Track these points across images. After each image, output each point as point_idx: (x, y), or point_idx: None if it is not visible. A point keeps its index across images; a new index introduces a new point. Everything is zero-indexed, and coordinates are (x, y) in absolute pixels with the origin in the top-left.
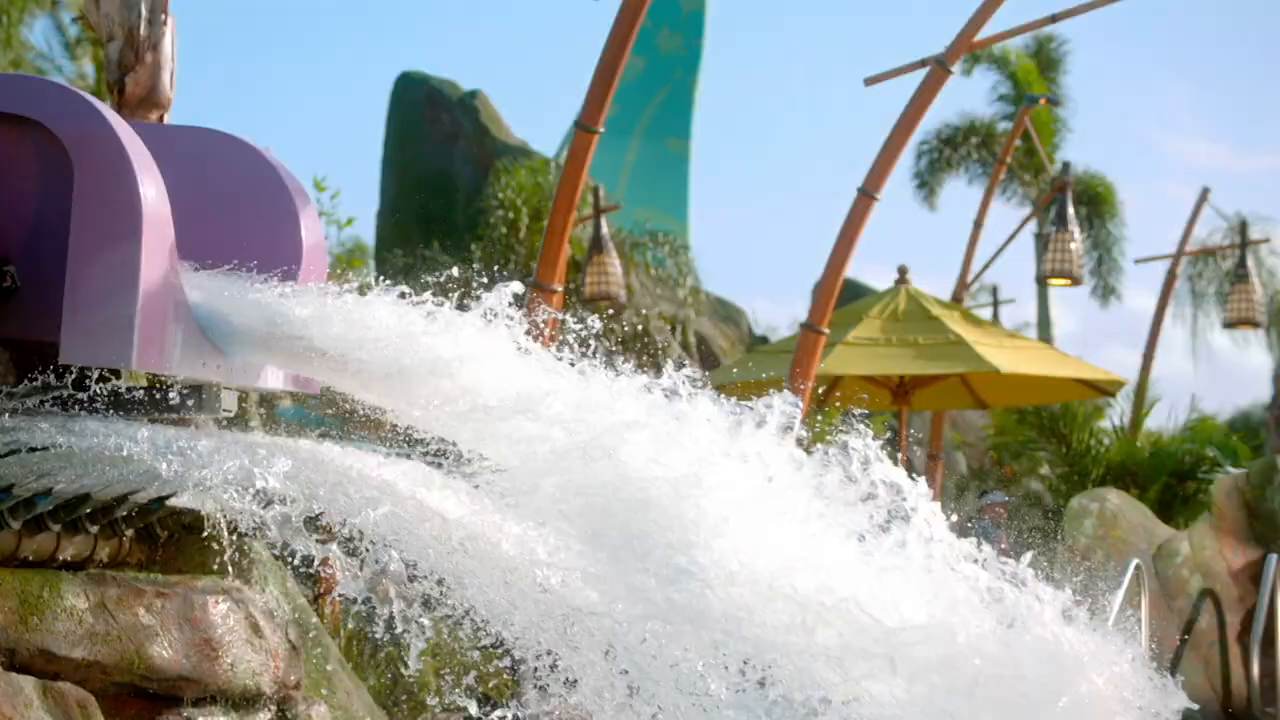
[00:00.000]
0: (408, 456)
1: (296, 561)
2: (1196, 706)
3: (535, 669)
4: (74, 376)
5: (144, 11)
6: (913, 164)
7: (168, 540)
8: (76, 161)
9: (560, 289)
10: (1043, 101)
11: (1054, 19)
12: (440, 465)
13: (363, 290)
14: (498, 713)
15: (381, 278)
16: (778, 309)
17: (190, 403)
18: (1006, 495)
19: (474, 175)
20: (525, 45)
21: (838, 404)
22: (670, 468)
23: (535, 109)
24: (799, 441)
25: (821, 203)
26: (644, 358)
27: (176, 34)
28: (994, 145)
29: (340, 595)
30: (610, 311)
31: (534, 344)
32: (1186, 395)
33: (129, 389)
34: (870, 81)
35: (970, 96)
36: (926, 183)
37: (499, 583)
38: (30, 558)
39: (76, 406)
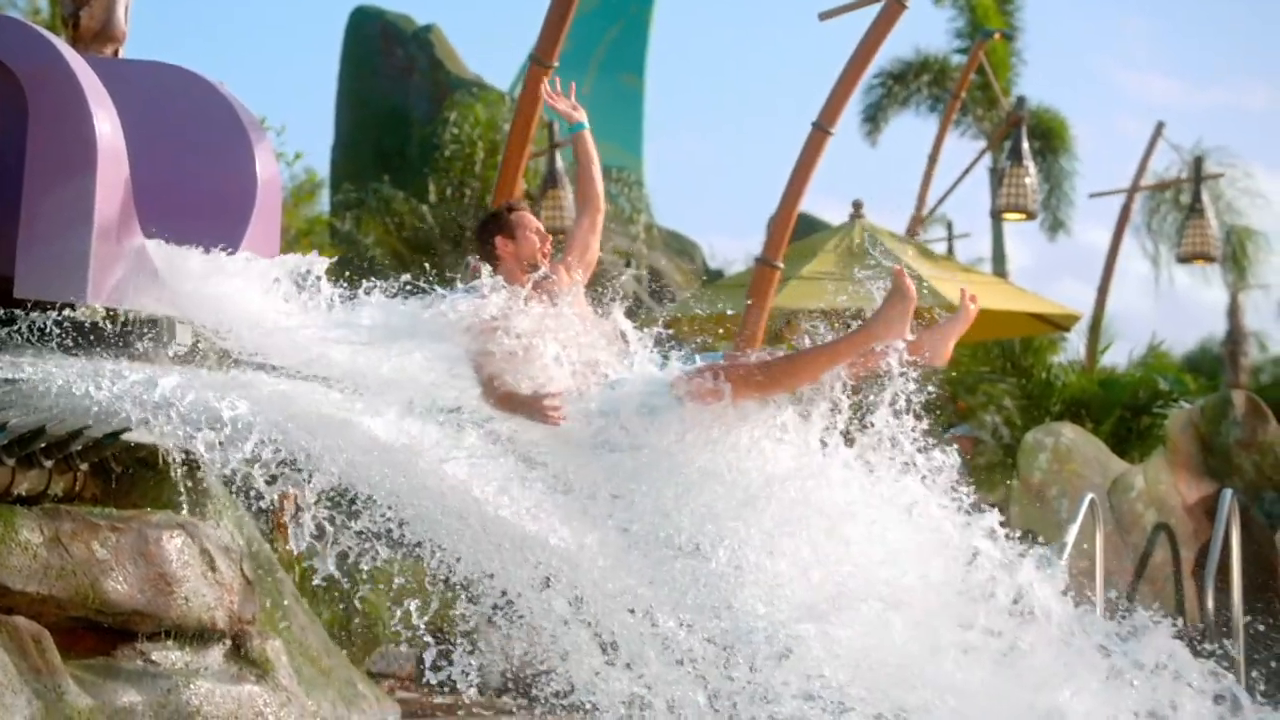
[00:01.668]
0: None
1: (251, 495)
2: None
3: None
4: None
5: None
6: (863, 98)
7: (122, 475)
8: (31, 96)
9: None
10: (998, 36)
11: None
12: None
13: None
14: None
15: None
16: (733, 243)
17: (146, 337)
18: (972, 430)
19: (429, 109)
20: None
21: (792, 340)
22: None
23: (490, 43)
24: None
25: (776, 137)
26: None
27: None
28: (946, 81)
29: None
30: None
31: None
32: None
33: (87, 323)
34: (825, 16)
35: (923, 31)
36: (874, 117)
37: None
38: None
39: (35, 339)
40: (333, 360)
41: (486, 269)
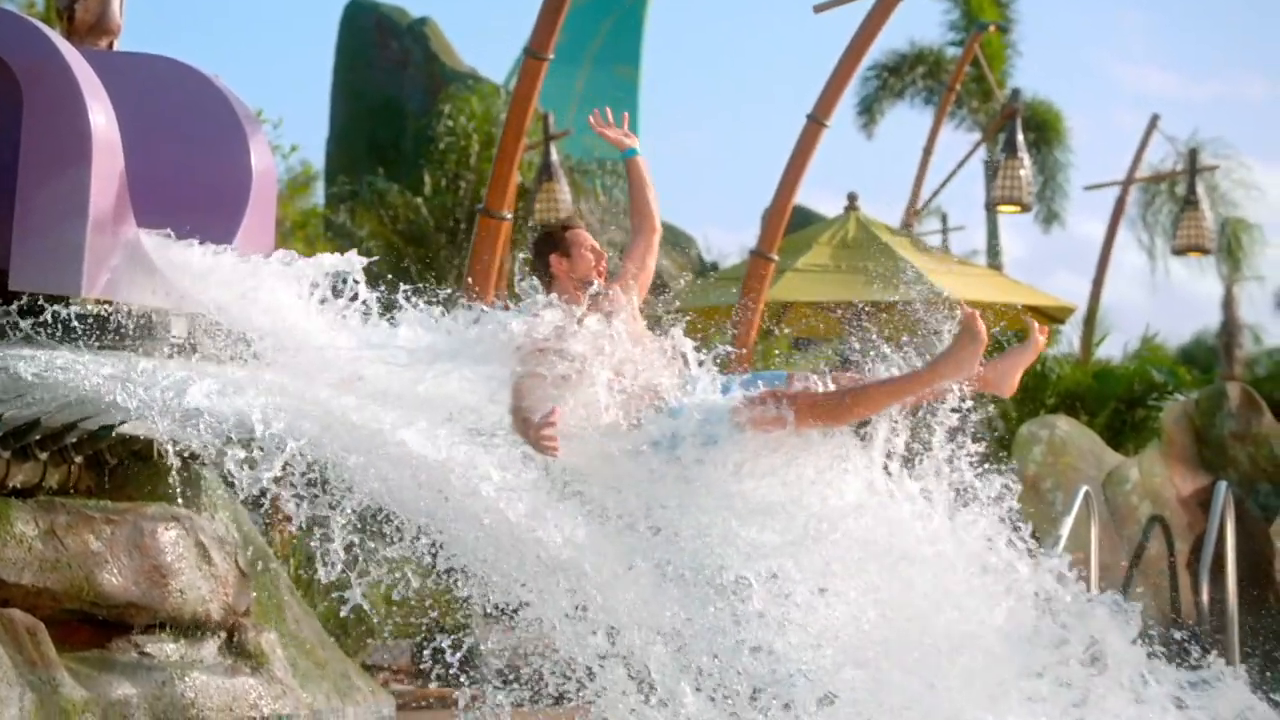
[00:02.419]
0: None
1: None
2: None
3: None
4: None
5: None
6: (859, 91)
7: (117, 467)
8: (26, 89)
9: (509, 216)
10: (992, 28)
11: None
12: None
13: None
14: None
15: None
16: (728, 236)
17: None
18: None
19: (423, 102)
20: None
21: (786, 331)
22: None
23: (485, 36)
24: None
25: (771, 130)
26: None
27: None
28: (941, 73)
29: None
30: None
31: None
32: (1136, 322)
33: (80, 315)
34: (820, 9)
35: (918, 24)
36: (869, 110)
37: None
38: None
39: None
40: (366, 377)
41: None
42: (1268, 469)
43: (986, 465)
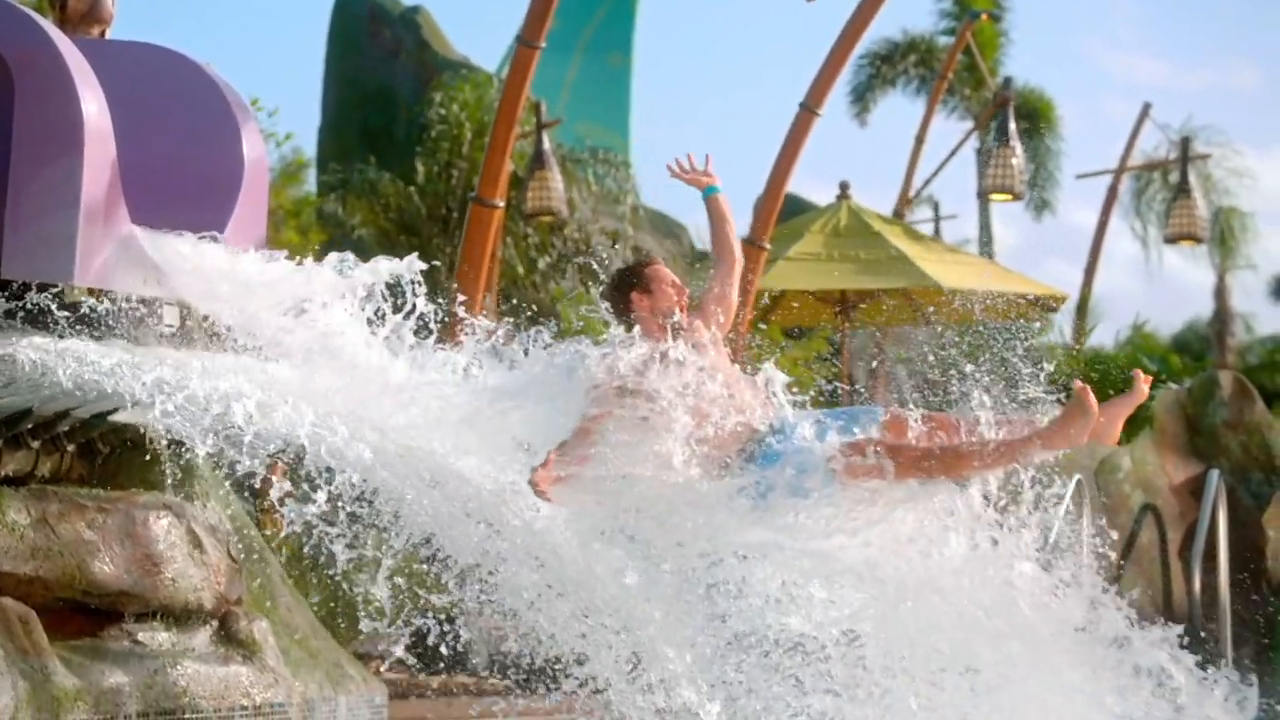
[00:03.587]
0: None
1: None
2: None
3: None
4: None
5: None
6: (851, 79)
7: (109, 456)
8: (18, 77)
9: (501, 204)
10: (984, 16)
11: None
12: None
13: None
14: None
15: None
16: None
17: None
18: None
19: (415, 91)
20: None
21: (776, 319)
22: None
23: (477, 25)
24: None
25: (763, 118)
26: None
27: None
28: (933, 61)
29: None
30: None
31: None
32: (1128, 311)
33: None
34: None
35: (910, 12)
36: (862, 98)
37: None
38: None
39: (21, 321)
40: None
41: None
42: (1260, 457)
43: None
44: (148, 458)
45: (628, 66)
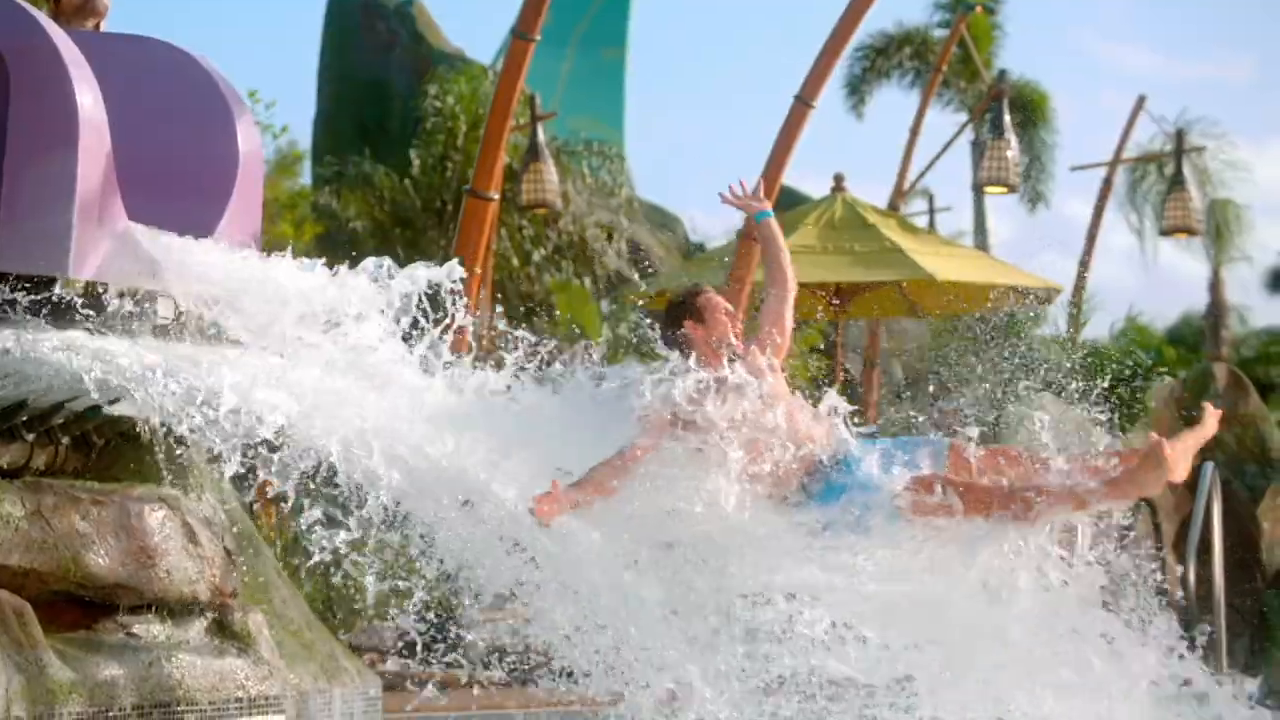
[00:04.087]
0: None
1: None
2: None
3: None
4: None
5: None
6: (846, 72)
7: (104, 448)
8: (13, 70)
9: (496, 197)
10: (979, 9)
11: None
12: None
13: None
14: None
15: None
16: (714, 217)
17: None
18: (958, 403)
19: (410, 83)
20: None
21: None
22: None
23: (472, 17)
24: None
25: (758, 111)
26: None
27: None
28: (928, 54)
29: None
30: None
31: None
32: (1124, 303)
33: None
34: None
35: (905, 4)
36: (858, 91)
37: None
38: None
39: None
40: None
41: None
42: (1254, 450)
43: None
44: (142, 450)
45: (622, 60)
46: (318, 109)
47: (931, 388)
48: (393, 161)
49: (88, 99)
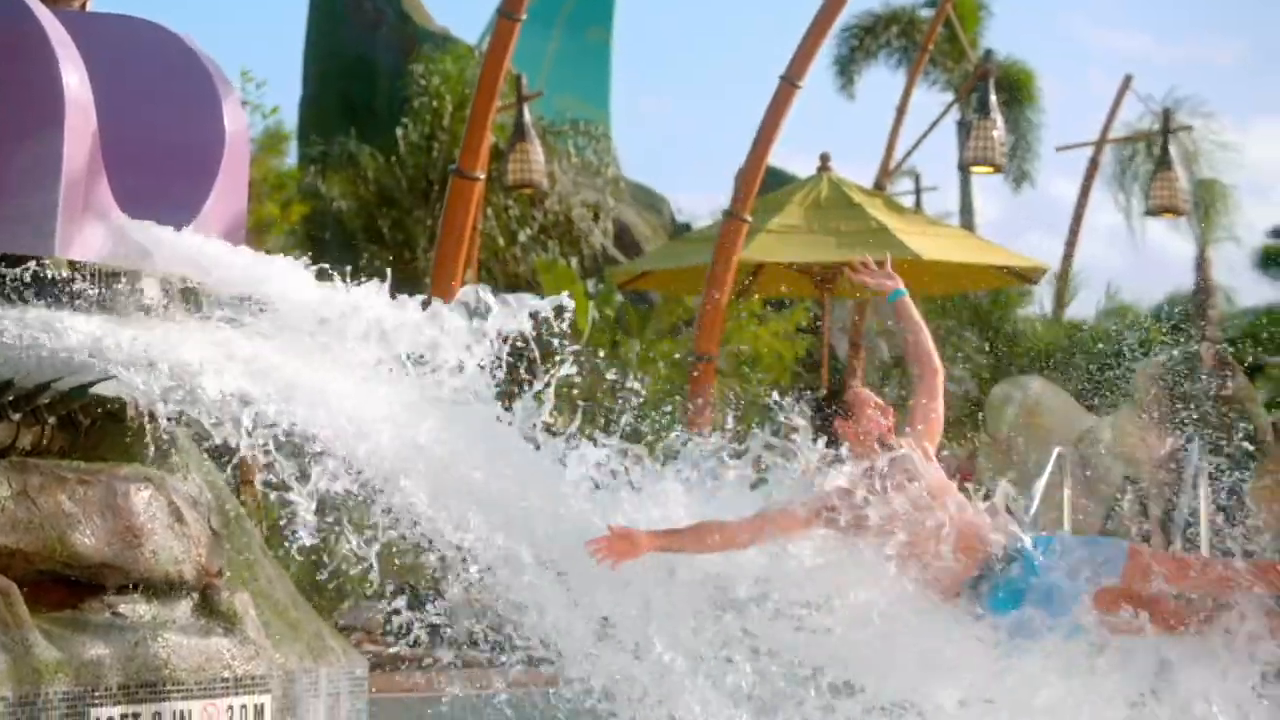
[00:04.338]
0: None
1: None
2: None
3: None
4: None
5: None
6: (833, 52)
7: (90, 428)
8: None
9: (482, 177)
10: None
11: None
12: None
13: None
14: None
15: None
16: (700, 197)
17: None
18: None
19: (396, 63)
20: None
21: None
22: None
23: None
24: None
25: (745, 91)
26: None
27: None
28: (915, 33)
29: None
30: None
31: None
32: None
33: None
34: None
35: None
36: (846, 70)
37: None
38: None
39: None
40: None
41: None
42: (1240, 430)
43: None
44: (128, 430)
45: (608, 40)
46: (304, 89)
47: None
48: (379, 141)
49: (74, 79)
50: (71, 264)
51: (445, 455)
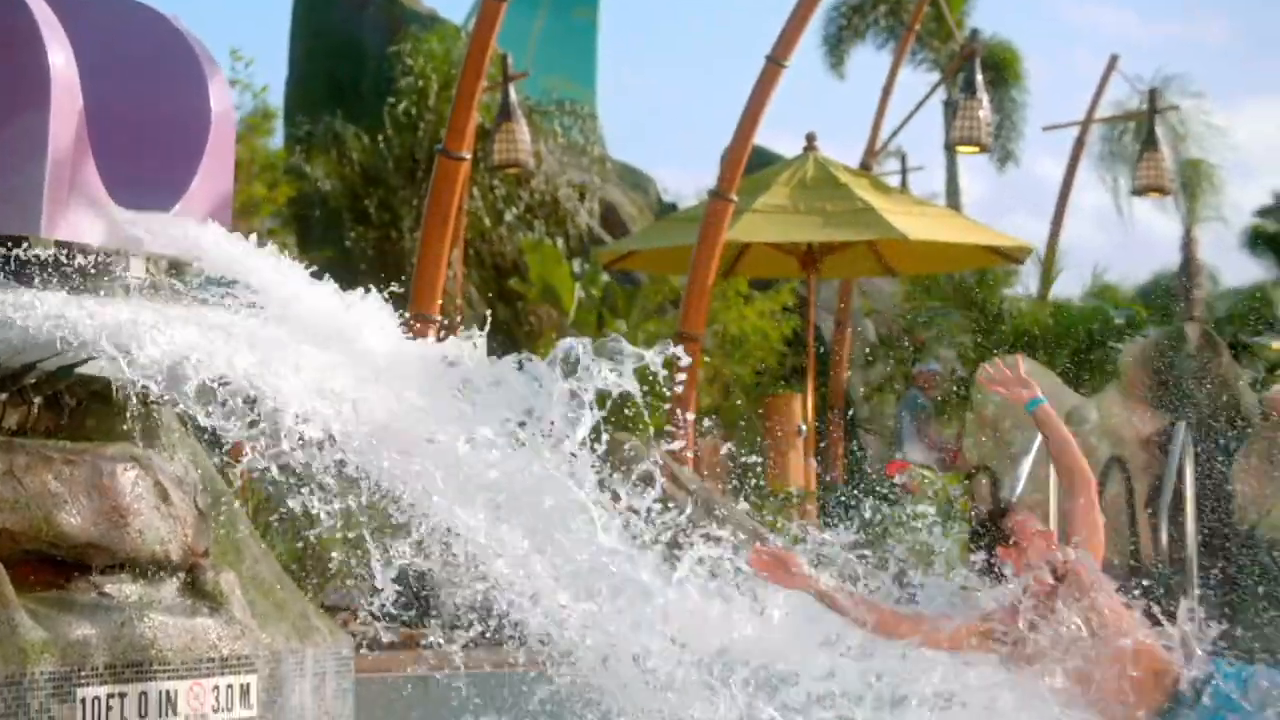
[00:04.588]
0: None
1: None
2: None
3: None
4: None
5: None
6: (821, 31)
7: (76, 408)
8: None
9: (468, 156)
10: None
11: None
12: None
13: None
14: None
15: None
16: (686, 177)
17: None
18: (938, 365)
19: (383, 42)
20: None
21: (742, 271)
22: None
23: None
24: None
25: (732, 71)
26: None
27: None
28: (902, 12)
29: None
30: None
31: None
32: (1094, 262)
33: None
34: None
35: None
36: (836, 50)
37: None
38: None
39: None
40: None
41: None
42: (1226, 410)
43: None
44: (115, 410)
45: (594, 19)
46: (290, 69)
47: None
48: (365, 121)
49: (60, 58)
50: (57, 244)
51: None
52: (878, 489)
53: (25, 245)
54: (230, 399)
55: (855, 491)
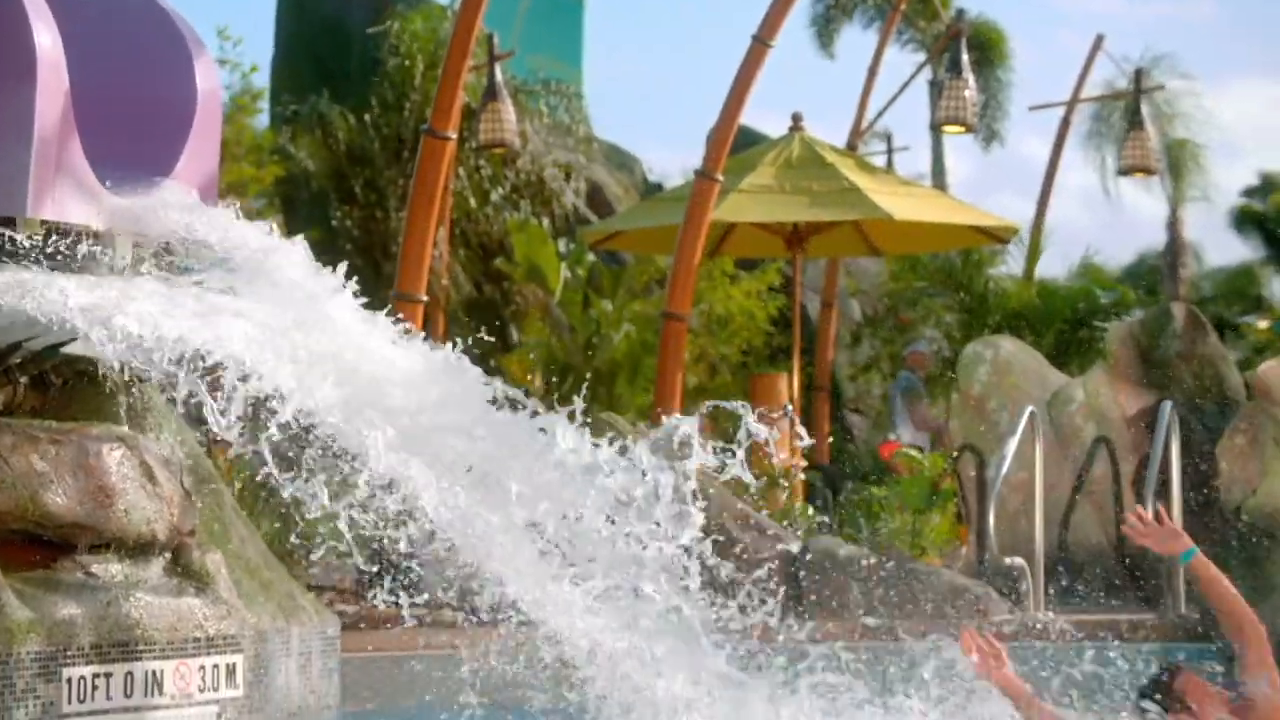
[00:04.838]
0: None
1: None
2: None
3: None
4: None
5: None
6: (809, 11)
7: (62, 387)
8: None
9: (454, 136)
10: None
11: None
12: None
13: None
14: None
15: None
16: (672, 156)
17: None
18: (929, 344)
19: (369, 22)
20: None
21: (728, 251)
22: None
23: None
24: None
25: (718, 50)
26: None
27: None
28: None
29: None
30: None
31: None
32: (1082, 242)
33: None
34: None
35: None
36: (824, 30)
37: None
38: None
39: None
40: None
41: None
42: (1212, 389)
43: None
44: (101, 390)
45: None
46: (275, 49)
47: (893, 322)
48: (351, 101)
49: (46, 37)
50: (44, 224)
51: None
52: (860, 468)
53: (11, 225)
54: (231, 386)
55: (842, 470)
